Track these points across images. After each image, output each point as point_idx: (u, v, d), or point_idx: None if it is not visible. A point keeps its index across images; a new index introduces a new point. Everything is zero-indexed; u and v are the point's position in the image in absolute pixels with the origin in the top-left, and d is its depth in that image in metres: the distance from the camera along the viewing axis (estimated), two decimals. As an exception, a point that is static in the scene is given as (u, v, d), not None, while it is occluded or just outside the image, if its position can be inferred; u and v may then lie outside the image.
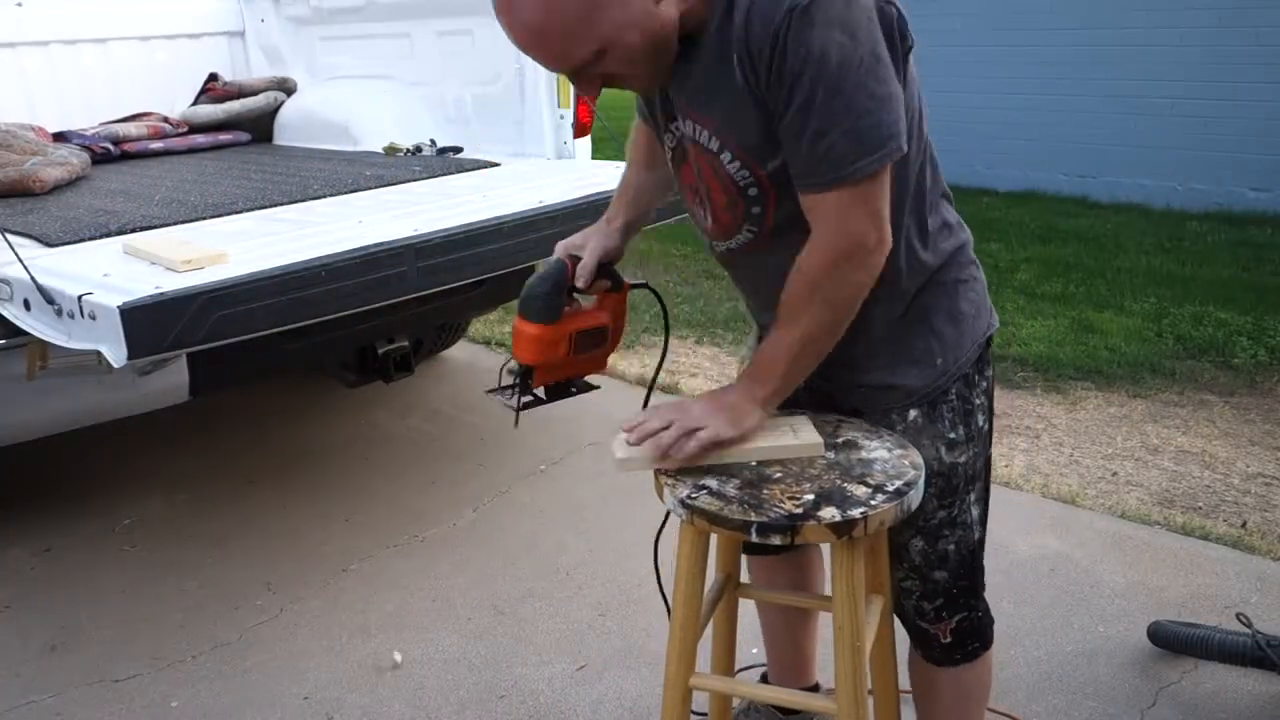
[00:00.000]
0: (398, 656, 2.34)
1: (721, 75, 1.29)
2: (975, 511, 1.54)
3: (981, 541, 1.57)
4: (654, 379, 1.72)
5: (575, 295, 1.56)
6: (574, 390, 1.61)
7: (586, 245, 1.57)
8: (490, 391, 1.56)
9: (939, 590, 1.56)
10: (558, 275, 1.51)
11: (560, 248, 1.58)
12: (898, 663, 1.69)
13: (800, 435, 1.42)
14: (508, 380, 1.55)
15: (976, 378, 1.50)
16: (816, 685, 2.01)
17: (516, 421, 1.60)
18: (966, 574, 1.56)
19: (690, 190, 1.48)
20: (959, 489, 1.50)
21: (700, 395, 1.46)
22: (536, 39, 1.24)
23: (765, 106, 1.27)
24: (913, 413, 1.48)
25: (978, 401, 1.50)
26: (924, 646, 1.63)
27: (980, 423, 1.51)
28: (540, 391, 1.56)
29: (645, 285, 1.66)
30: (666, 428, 1.37)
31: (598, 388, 1.63)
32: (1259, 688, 2.13)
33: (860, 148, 1.23)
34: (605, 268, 1.58)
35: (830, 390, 1.54)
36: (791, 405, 1.47)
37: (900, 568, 1.57)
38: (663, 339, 1.75)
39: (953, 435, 1.48)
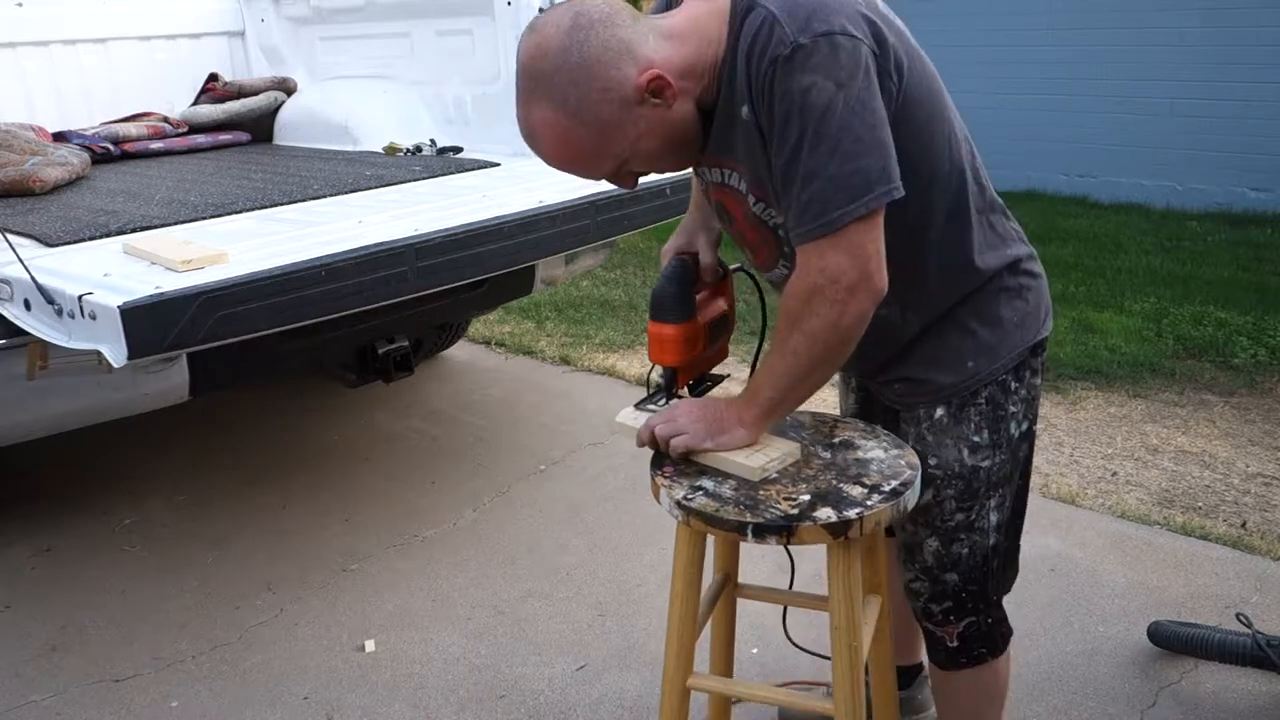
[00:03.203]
0: (370, 645, 2.37)
1: (738, 123, 1.30)
2: (994, 518, 1.52)
3: (996, 548, 1.54)
4: (754, 361, 1.73)
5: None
6: (709, 384, 1.62)
7: (696, 242, 1.59)
8: (640, 404, 1.54)
9: (948, 593, 1.55)
10: (684, 273, 1.52)
11: (670, 251, 1.60)
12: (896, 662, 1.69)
13: (758, 455, 1.39)
14: (655, 389, 1.55)
15: (1014, 384, 1.48)
16: (920, 665, 1.99)
17: None
18: (978, 579, 1.55)
19: (727, 225, 1.51)
20: (979, 493, 1.49)
21: (696, 401, 1.47)
22: (563, 168, 1.35)
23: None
24: (939, 410, 1.48)
25: (1012, 409, 1.48)
26: (931, 648, 1.63)
27: (1012, 430, 1.49)
28: (684, 393, 1.56)
29: (741, 269, 1.65)
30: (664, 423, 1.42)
31: (727, 376, 1.65)
32: (1259, 688, 2.13)
33: (843, 194, 1.21)
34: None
35: (870, 386, 1.57)
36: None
37: (912, 568, 1.57)
38: (759, 328, 1.72)
39: (977, 439, 1.47)
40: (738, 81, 1.27)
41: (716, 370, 1.64)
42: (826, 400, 3.12)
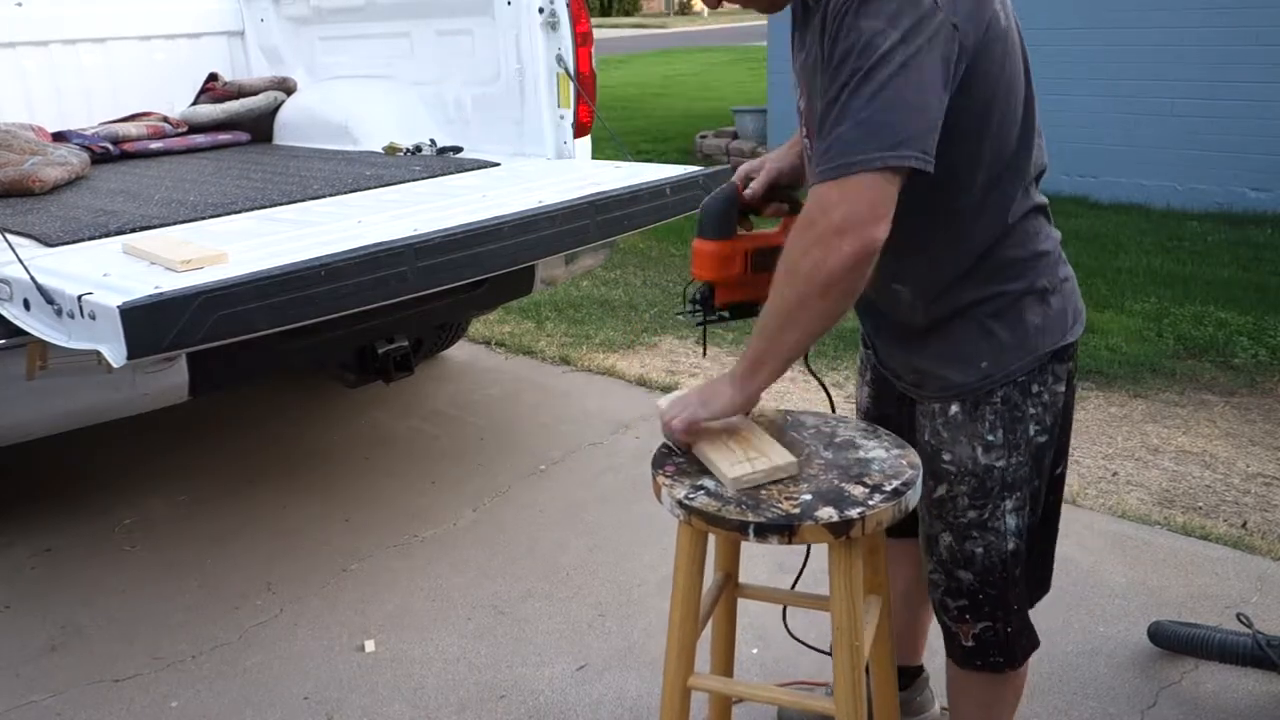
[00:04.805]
0: (370, 645, 2.37)
1: (818, 50, 1.31)
2: (1012, 521, 1.50)
3: (1016, 554, 1.52)
4: None
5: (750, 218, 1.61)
6: (759, 311, 1.57)
7: (763, 167, 1.61)
8: (679, 313, 1.59)
9: (963, 590, 1.55)
10: (730, 193, 1.55)
11: (740, 171, 1.64)
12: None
13: (743, 465, 1.37)
14: (692, 303, 1.59)
15: (1035, 387, 1.46)
16: (921, 668, 2.02)
17: (704, 350, 1.76)
18: (996, 583, 1.53)
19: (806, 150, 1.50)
20: (993, 493, 1.49)
21: (704, 382, 1.50)
22: None
23: None
24: (954, 407, 1.48)
25: (1031, 411, 1.46)
26: (948, 642, 1.63)
27: (1031, 432, 1.47)
28: (725, 312, 1.59)
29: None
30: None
31: None
32: (1259, 688, 2.13)
33: (867, 141, 1.19)
34: (781, 190, 1.62)
35: (886, 373, 1.60)
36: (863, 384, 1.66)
37: (930, 559, 1.58)
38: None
39: (991, 438, 1.47)
40: (824, 8, 1.27)
41: None
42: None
